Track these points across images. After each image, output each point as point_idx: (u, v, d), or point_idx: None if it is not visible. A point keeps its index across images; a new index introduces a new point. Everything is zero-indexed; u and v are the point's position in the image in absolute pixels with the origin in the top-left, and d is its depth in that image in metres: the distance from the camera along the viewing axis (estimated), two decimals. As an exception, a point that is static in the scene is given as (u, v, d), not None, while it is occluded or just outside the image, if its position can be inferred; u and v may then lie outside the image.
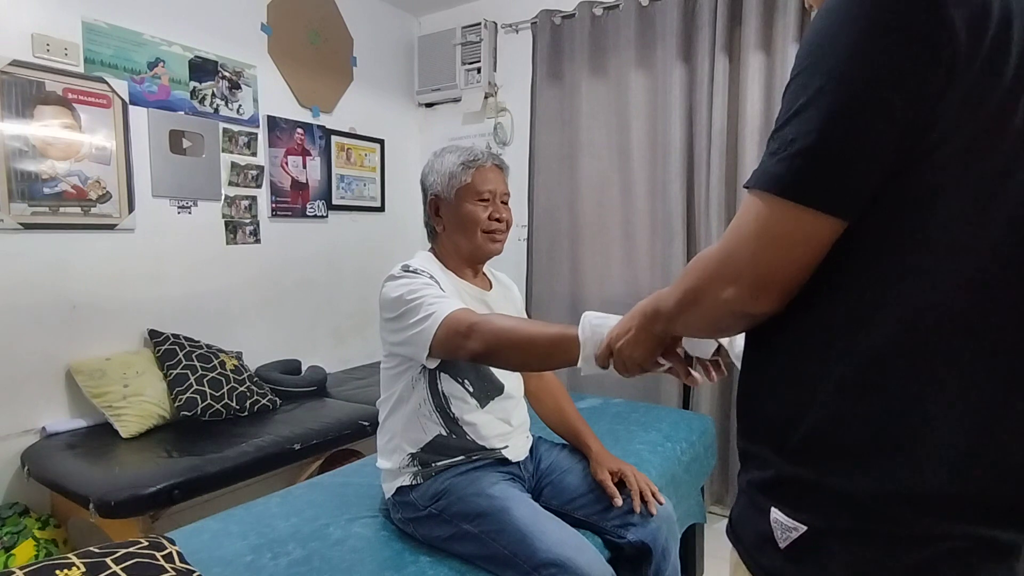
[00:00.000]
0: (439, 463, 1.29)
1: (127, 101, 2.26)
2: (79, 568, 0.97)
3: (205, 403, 2.19)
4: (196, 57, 2.48)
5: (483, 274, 1.46)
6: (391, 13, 3.38)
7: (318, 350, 3.04)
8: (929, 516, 0.55)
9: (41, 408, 2.08)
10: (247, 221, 2.71)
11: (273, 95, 2.79)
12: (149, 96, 2.33)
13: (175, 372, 2.20)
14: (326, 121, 3.05)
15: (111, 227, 2.24)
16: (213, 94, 2.54)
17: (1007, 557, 0.55)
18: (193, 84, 2.47)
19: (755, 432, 0.67)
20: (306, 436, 2.13)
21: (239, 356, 2.50)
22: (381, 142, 3.35)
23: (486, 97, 3.24)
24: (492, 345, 1.07)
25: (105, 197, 2.21)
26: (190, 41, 2.46)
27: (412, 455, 1.30)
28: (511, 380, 1.40)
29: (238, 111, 2.64)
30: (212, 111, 2.54)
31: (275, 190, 2.82)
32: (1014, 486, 0.54)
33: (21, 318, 2.02)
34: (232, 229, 2.66)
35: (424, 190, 1.40)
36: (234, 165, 2.64)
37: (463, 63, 3.24)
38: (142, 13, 2.30)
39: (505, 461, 1.34)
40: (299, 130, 2.91)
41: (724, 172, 2.48)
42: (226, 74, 2.59)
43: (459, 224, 1.35)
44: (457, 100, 3.35)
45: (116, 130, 2.23)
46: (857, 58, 0.52)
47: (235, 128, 2.63)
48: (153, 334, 2.30)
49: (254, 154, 2.72)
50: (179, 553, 1.11)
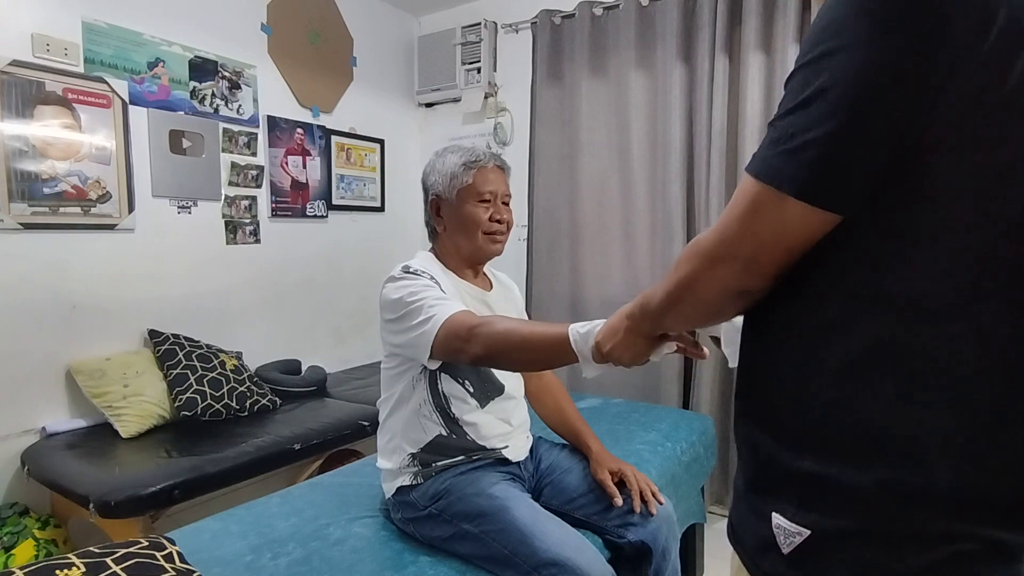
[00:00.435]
0: (439, 463, 1.29)
1: (127, 101, 2.26)
2: (79, 568, 0.97)
3: (205, 403, 2.19)
4: (196, 57, 2.48)
5: (484, 274, 1.46)
6: (391, 13, 3.38)
7: (318, 350, 3.04)
8: (934, 516, 0.54)
9: (41, 408, 2.08)
10: (247, 221, 2.71)
11: (273, 95, 2.80)
12: (149, 96, 2.33)
13: (175, 372, 2.20)
14: (326, 121, 3.05)
15: (111, 227, 2.24)
16: (213, 94, 2.54)
17: (1014, 559, 0.55)
18: (193, 84, 2.47)
19: (754, 432, 0.67)
20: (306, 436, 2.13)
21: (239, 356, 2.50)
22: (381, 142, 3.35)
23: (486, 97, 3.24)
24: (491, 349, 1.07)
25: (105, 197, 2.21)
26: (190, 41, 2.46)
27: (412, 455, 1.30)
28: (511, 380, 1.40)
29: (238, 111, 2.64)
30: (212, 111, 2.54)
31: (275, 190, 2.82)
32: (1019, 486, 0.54)
33: (21, 318, 2.02)
34: (232, 229, 2.66)
35: (425, 190, 1.40)
36: (234, 165, 2.64)
37: (463, 63, 3.24)
38: (142, 13, 2.30)
39: (505, 461, 1.34)
40: (299, 130, 2.91)
41: (724, 172, 2.48)
42: (226, 74, 2.59)
43: (460, 225, 1.34)
44: (457, 100, 3.35)
45: (116, 130, 2.23)
46: (859, 56, 0.52)
47: (235, 128, 2.63)
48: (153, 334, 2.30)
49: (254, 154, 2.72)
50: (179, 553, 1.11)
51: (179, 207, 2.46)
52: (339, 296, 3.16)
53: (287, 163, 2.87)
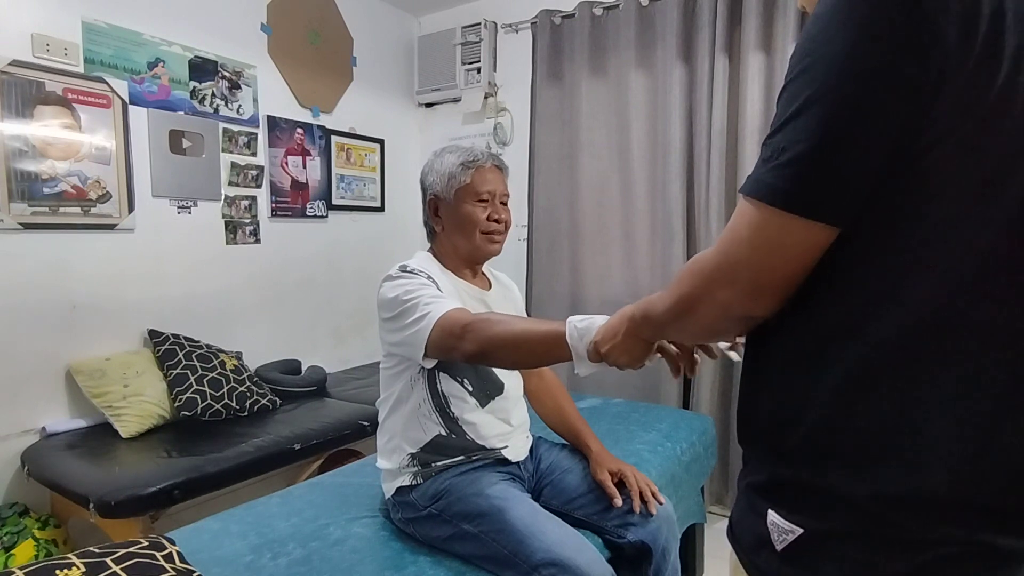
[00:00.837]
0: (439, 463, 1.29)
1: (127, 101, 2.26)
2: (79, 568, 0.97)
3: (205, 403, 2.19)
4: (196, 57, 2.48)
5: (482, 274, 1.46)
6: (391, 13, 3.38)
7: (318, 350, 3.04)
8: (926, 520, 0.55)
9: (41, 408, 2.08)
10: (247, 221, 2.71)
11: (273, 95, 2.80)
12: (149, 96, 2.33)
13: (175, 372, 2.20)
14: (326, 121, 3.05)
15: (111, 227, 2.24)
16: (213, 94, 2.54)
17: (1005, 564, 0.55)
18: (193, 84, 2.47)
19: (754, 434, 0.67)
20: (306, 436, 2.13)
21: (239, 356, 2.50)
22: (381, 142, 3.35)
23: (486, 97, 3.24)
24: (485, 345, 1.07)
25: (105, 197, 2.21)
26: (190, 41, 2.46)
27: (412, 455, 1.30)
28: (511, 379, 1.40)
29: (238, 111, 2.64)
30: (212, 111, 2.54)
31: (275, 190, 2.82)
32: (1013, 490, 0.54)
33: (21, 318, 2.02)
34: (232, 229, 2.66)
35: (423, 190, 1.40)
36: (234, 165, 2.64)
37: (463, 63, 3.24)
38: (142, 13, 2.30)
39: (505, 461, 1.34)
40: (299, 130, 2.91)
41: (724, 172, 2.48)
42: (226, 74, 2.59)
43: (458, 224, 1.34)
44: (457, 100, 3.35)
45: (116, 130, 2.23)
46: (846, 66, 0.51)
47: (235, 128, 2.63)
48: (153, 334, 2.30)
49: (254, 154, 2.72)
50: (179, 553, 1.11)
51: (179, 207, 2.46)
52: (339, 296, 3.16)
53: (287, 163, 2.87)
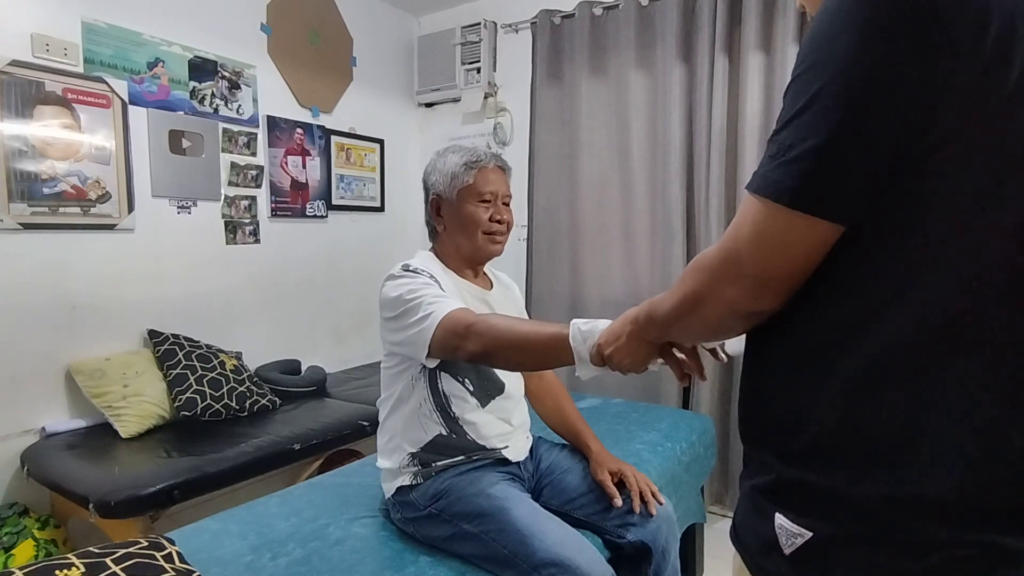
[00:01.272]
0: (439, 463, 1.29)
1: (127, 101, 2.26)
2: (79, 568, 0.97)
3: (205, 403, 2.19)
4: (196, 57, 2.48)
5: (484, 274, 1.46)
6: (391, 13, 3.38)
7: (318, 350, 3.04)
8: (936, 522, 0.54)
9: (41, 408, 2.08)
10: (247, 221, 2.71)
11: (273, 95, 2.79)
12: (149, 96, 2.33)
13: (175, 372, 2.20)
14: (326, 121, 3.05)
15: (111, 227, 2.24)
16: (213, 94, 2.54)
17: (1015, 565, 0.54)
18: (193, 84, 2.47)
19: (759, 436, 0.67)
20: (306, 436, 2.13)
21: (239, 356, 2.50)
22: (381, 142, 3.35)
23: (486, 97, 3.24)
24: (488, 346, 1.07)
25: (105, 197, 2.21)
26: (190, 41, 2.46)
27: (412, 455, 1.30)
28: (512, 379, 1.40)
29: (238, 111, 2.64)
30: (212, 111, 2.54)
31: (275, 190, 2.82)
32: (1022, 491, 0.53)
33: (21, 318, 2.02)
34: (232, 229, 2.66)
35: (426, 189, 1.40)
36: (234, 165, 2.64)
37: (463, 63, 3.24)
38: (142, 13, 2.30)
39: (505, 461, 1.34)
40: (299, 130, 2.91)
41: (724, 172, 2.48)
42: (226, 74, 2.59)
43: (460, 224, 1.35)
44: (457, 100, 3.35)
45: (116, 130, 2.23)
46: (854, 63, 0.51)
47: (235, 128, 2.63)
48: (153, 334, 2.30)
49: (254, 154, 2.72)
50: (179, 553, 1.11)
51: (179, 207, 2.46)
52: (339, 296, 3.16)
53: (287, 163, 2.87)
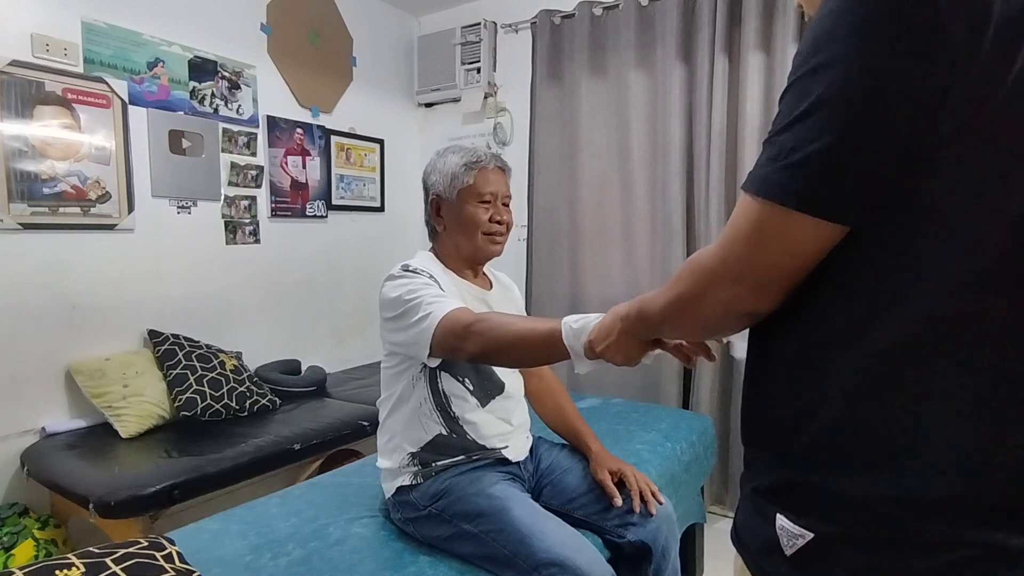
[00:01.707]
0: (439, 463, 1.29)
1: (127, 101, 2.26)
2: (79, 568, 0.97)
3: (205, 403, 2.19)
4: (196, 57, 2.48)
5: (483, 274, 1.46)
6: (391, 13, 3.38)
7: (318, 350, 3.04)
8: (938, 522, 0.54)
9: (41, 408, 2.08)
10: (247, 221, 2.71)
11: (273, 95, 2.79)
12: (149, 96, 2.33)
13: (175, 372, 2.20)
14: (326, 121, 3.05)
15: (111, 227, 2.24)
16: (213, 94, 2.54)
17: (1017, 564, 0.54)
18: (193, 84, 2.47)
19: (760, 437, 0.67)
20: (306, 436, 2.13)
21: (239, 356, 2.50)
22: (381, 142, 3.35)
23: (486, 97, 3.24)
24: (487, 346, 1.07)
25: (105, 197, 2.21)
26: (190, 41, 2.46)
27: (412, 454, 1.30)
28: (512, 379, 1.40)
29: (238, 111, 2.64)
30: (212, 111, 2.54)
31: (275, 190, 2.82)
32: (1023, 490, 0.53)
33: (21, 318, 2.02)
34: (232, 229, 2.66)
35: (426, 189, 1.40)
36: (234, 165, 2.64)
37: (463, 63, 3.24)
38: (142, 13, 2.30)
39: (505, 461, 1.34)
40: (299, 130, 2.91)
41: (724, 172, 2.48)
42: (226, 74, 2.59)
43: (460, 225, 1.35)
44: (457, 100, 3.35)
45: (116, 130, 2.23)
46: (855, 65, 0.51)
47: (235, 128, 2.63)
48: (153, 334, 2.30)
49: (254, 154, 2.72)
50: (179, 553, 1.11)
51: (179, 207, 2.46)
52: (339, 296, 3.16)
53: (287, 163, 2.87)
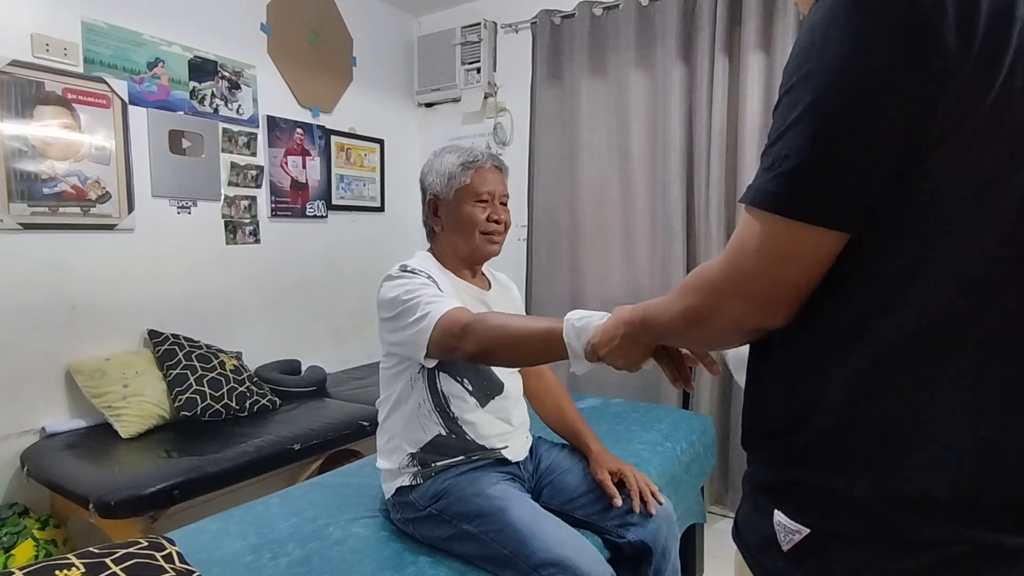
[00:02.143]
0: (439, 463, 1.29)
1: (127, 101, 2.26)
2: (79, 568, 0.97)
3: (205, 403, 2.19)
4: (196, 57, 2.48)
5: (482, 274, 1.46)
6: (391, 13, 3.38)
7: (318, 350, 3.04)
8: (934, 520, 0.54)
9: (41, 408, 2.08)
10: (247, 221, 2.71)
11: (273, 95, 2.79)
12: (149, 96, 2.33)
13: (175, 372, 2.20)
14: (326, 121, 3.05)
15: (111, 227, 2.24)
16: (213, 94, 2.54)
17: (1013, 563, 0.54)
18: (193, 84, 2.47)
19: (760, 436, 0.67)
20: (306, 436, 2.13)
21: (239, 356, 2.50)
22: (381, 142, 3.35)
23: (486, 97, 3.24)
24: (485, 345, 1.07)
25: (105, 197, 2.21)
26: (190, 41, 2.46)
27: (412, 455, 1.30)
28: (511, 379, 1.40)
29: (238, 111, 2.64)
30: (212, 111, 2.54)
31: (275, 190, 2.82)
32: (1020, 490, 0.54)
33: (21, 318, 2.02)
34: (232, 229, 2.66)
35: (423, 190, 1.40)
36: (234, 165, 2.64)
37: (463, 63, 3.24)
38: (142, 13, 2.30)
39: (505, 461, 1.34)
40: (299, 130, 2.91)
41: (724, 172, 2.48)
42: (226, 74, 2.59)
43: (457, 225, 1.34)
44: (457, 100, 3.35)
45: (116, 130, 2.23)
46: (846, 72, 0.52)
47: (235, 128, 2.63)
48: (153, 334, 2.30)
49: (254, 154, 2.72)
50: (179, 553, 1.11)
51: (179, 207, 2.46)
52: (339, 296, 3.16)
53: (287, 163, 2.87)
